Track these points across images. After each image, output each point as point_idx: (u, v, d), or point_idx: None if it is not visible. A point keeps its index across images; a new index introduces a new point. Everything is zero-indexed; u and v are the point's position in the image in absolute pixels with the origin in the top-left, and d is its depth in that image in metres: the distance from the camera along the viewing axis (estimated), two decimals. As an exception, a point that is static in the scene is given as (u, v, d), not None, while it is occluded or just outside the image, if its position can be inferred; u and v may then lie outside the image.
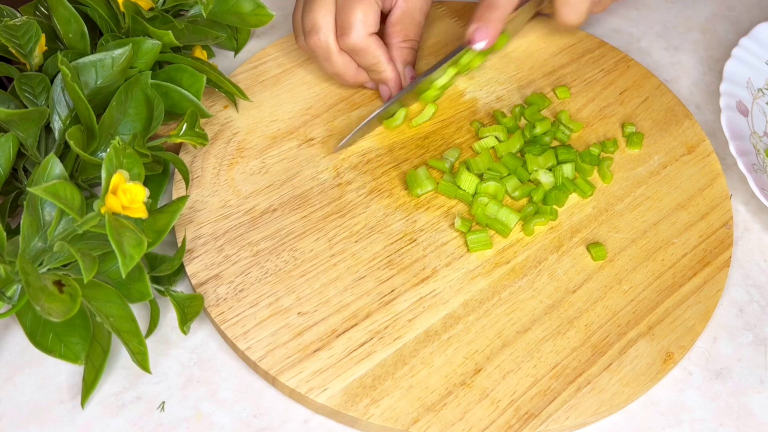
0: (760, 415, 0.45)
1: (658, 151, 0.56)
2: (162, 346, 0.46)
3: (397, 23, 0.57)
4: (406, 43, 0.57)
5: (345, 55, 0.55)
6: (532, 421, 0.43)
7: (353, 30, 0.53)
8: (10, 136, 0.45)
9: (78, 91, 0.45)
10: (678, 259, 0.50)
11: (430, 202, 0.52)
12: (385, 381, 0.44)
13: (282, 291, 0.47)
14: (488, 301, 0.48)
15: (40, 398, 0.44)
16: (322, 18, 0.54)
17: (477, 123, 0.57)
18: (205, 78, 0.52)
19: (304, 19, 0.55)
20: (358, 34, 0.53)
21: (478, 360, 0.45)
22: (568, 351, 0.46)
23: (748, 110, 0.57)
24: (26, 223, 0.42)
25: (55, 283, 0.39)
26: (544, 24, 0.64)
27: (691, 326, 0.47)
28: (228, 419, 0.44)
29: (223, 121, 0.56)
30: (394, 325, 0.46)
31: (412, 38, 0.57)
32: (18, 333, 0.47)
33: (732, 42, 0.62)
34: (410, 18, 0.57)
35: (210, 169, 0.53)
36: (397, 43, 0.57)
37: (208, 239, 0.49)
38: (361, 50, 0.54)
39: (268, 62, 0.60)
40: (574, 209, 0.52)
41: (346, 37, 0.54)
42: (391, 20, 0.57)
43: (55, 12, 0.50)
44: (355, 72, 0.56)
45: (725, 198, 0.53)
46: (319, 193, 0.52)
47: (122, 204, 0.40)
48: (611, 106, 0.59)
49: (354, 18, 0.53)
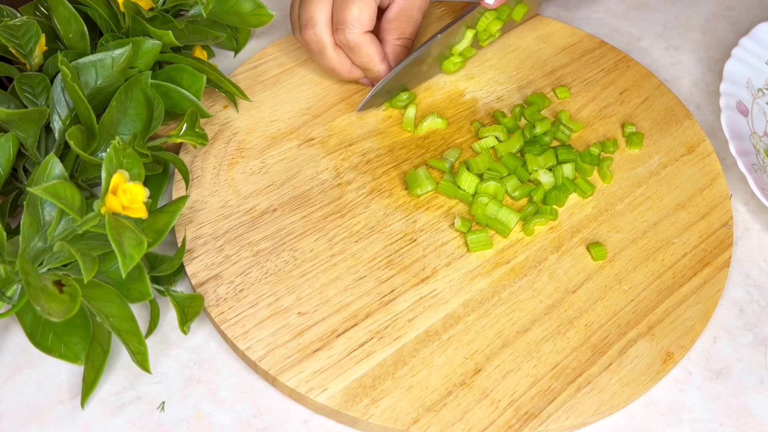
0: (760, 415, 0.45)
1: (658, 151, 0.56)
2: (162, 346, 0.46)
3: (394, 20, 0.56)
4: (400, 41, 0.57)
5: (340, 50, 0.55)
6: (532, 421, 0.43)
7: (348, 27, 0.53)
8: (10, 136, 0.45)
9: (78, 91, 0.45)
10: (678, 259, 0.50)
11: (430, 202, 0.52)
12: (385, 381, 0.44)
13: (282, 291, 0.47)
14: (488, 301, 0.48)
15: (40, 398, 0.44)
16: (319, 12, 0.54)
17: (477, 123, 0.57)
18: (205, 78, 0.52)
19: (301, 12, 0.55)
20: (352, 32, 0.53)
21: (478, 360, 0.45)
22: (568, 351, 0.46)
23: (748, 110, 0.57)
24: (26, 223, 0.42)
25: (55, 283, 0.39)
26: (544, 24, 0.64)
27: (691, 326, 0.47)
28: (228, 419, 0.44)
29: (223, 121, 0.56)
30: (394, 325, 0.46)
31: (408, 36, 0.57)
32: (18, 333, 0.47)
33: (732, 42, 0.62)
34: (407, 16, 0.56)
35: (210, 169, 0.53)
36: (392, 41, 0.57)
37: (208, 239, 0.49)
38: (355, 47, 0.54)
39: (268, 62, 0.60)
40: (574, 209, 0.52)
41: (341, 33, 0.54)
42: (388, 17, 0.57)
43: (55, 12, 0.50)
44: (350, 68, 0.56)
45: (725, 198, 0.53)
46: (319, 193, 0.52)
47: (122, 204, 0.40)
48: (611, 106, 0.59)
49: (349, 15, 0.53)
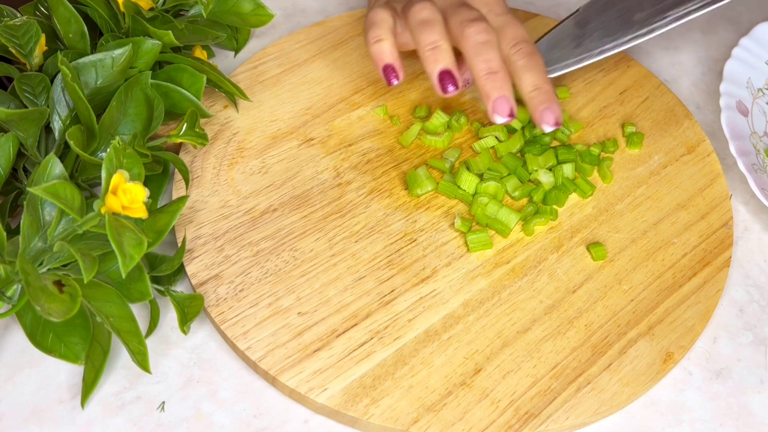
0: (760, 415, 0.45)
1: (658, 151, 0.56)
2: (162, 346, 0.46)
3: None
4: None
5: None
6: (532, 421, 0.43)
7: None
8: (10, 136, 0.45)
9: (78, 91, 0.45)
10: (678, 259, 0.50)
11: (430, 202, 0.52)
12: (385, 381, 0.44)
13: (282, 291, 0.47)
14: (488, 301, 0.48)
15: (40, 398, 0.44)
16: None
17: (477, 123, 0.57)
18: (205, 78, 0.52)
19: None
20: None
21: (478, 360, 0.45)
22: (568, 351, 0.46)
23: (748, 110, 0.57)
24: (26, 223, 0.42)
25: (55, 283, 0.39)
26: (544, 24, 0.64)
27: (691, 326, 0.47)
28: (228, 419, 0.44)
29: (223, 121, 0.56)
30: (394, 325, 0.46)
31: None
32: (18, 333, 0.47)
33: (732, 42, 0.62)
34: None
35: (210, 169, 0.53)
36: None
37: (208, 239, 0.49)
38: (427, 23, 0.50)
39: (268, 62, 0.60)
40: (574, 209, 0.52)
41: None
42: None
43: (55, 12, 0.50)
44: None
45: (725, 198, 0.53)
46: (319, 193, 0.52)
47: (122, 204, 0.40)
48: (611, 106, 0.59)
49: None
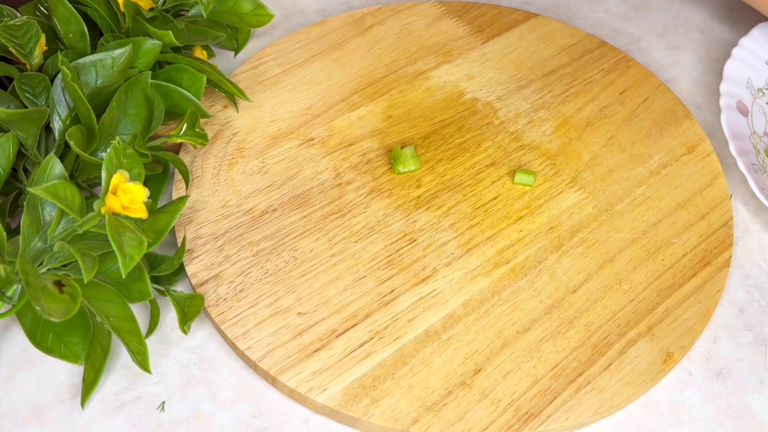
0: (760, 415, 0.45)
1: (658, 151, 0.56)
2: (162, 346, 0.46)
3: None
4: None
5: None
6: (532, 421, 0.43)
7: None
8: (10, 136, 0.45)
9: (78, 91, 0.45)
10: (678, 259, 0.50)
11: (430, 202, 0.52)
12: (385, 381, 0.44)
13: (282, 291, 0.47)
14: (488, 301, 0.48)
15: (40, 398, 0.44)
16: None
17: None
18: (205, 78, 0.52)
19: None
20: None
21: (478, 360, 0.45)
22: (568, 351, 0.46)
23: (748, 110, 0.57)
24: (26, 223, 0.42)
25: (55, 283, 0.39)
26: (544, 24, 0.64)
27: (691, 326, 0.47)
28: (228, 419, 0.44)
29: (223, 121, 0.56)
30: (394, 325, 0.46)
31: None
32: (18, 333, 0.47)
33: (732, 42, 0.62)
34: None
35: (210, 169, 0.53)
36: None
37: (208, 239, 0.49)
38: None
39: (268, 62, 0.60)
40: (574, 209, 0.52)
41: None
42: None
43: (55, 12, 0.50)
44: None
45: (725, 198, 0.53)
46: (319, 193, 0.52)
47: (122, 204, 0.40)
48: (611, 106, 0.59)
49: None
